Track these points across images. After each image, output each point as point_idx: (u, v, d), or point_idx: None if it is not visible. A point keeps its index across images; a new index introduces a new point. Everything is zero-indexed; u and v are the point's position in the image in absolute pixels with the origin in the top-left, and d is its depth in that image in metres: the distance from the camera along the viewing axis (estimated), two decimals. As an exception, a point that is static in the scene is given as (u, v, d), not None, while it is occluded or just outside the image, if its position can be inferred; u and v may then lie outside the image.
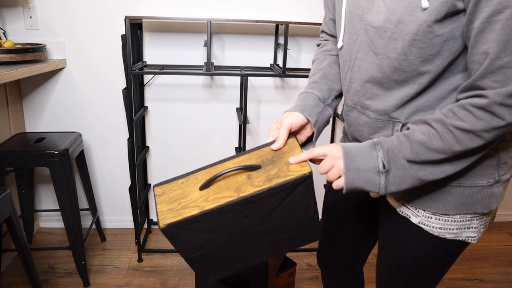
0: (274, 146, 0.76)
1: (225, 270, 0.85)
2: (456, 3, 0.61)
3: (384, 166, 0.69)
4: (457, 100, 0.67)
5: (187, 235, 0.73)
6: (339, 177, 0.72)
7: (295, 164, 0.73)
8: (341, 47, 0.83)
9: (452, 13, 0.63)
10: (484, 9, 0.58)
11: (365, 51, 0.74)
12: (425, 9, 0.62)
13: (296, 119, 0.81)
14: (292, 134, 0.81)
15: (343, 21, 0.80)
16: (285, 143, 0.77)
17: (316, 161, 0.76)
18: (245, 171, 0.74)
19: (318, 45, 1.01)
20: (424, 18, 0.63)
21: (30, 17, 1.82)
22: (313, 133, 0.85)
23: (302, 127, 0.83)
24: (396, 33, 0.67)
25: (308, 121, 0.83)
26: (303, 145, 0.87)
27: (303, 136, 0.85)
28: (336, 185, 0.73)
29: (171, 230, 0.71)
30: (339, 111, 2.06)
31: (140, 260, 1.89)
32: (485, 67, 0.60)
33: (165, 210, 0.72)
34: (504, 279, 1.87)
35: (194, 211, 0.70)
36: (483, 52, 0.60)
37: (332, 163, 0.72)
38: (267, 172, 0.73)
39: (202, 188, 0.72)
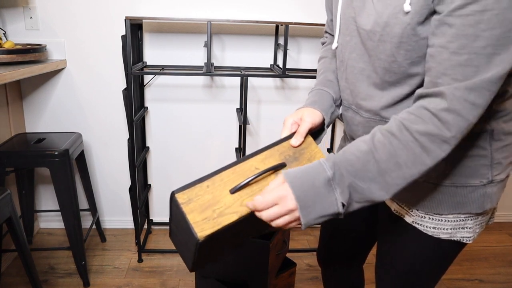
0: (295, 143, 0.77)
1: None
2: (432, 5, 0.61)
3: (343, 206, 0.65)
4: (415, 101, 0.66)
5: (215, 241, 0.69)
6: (289, 222, 0.67)
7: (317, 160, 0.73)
8: (336, 48, 0.84)
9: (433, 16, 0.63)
10: (448, 4, 0.58)
11: (360, 51, 0.75)
12: (407, 12, 0.63)
13: (318, 118, 0.82)
14: None
15: (338, 22, 0.81)
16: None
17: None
18: (273, 171, 0.73)
19: (323, 43, 1.03)
20: (407, 21, 0.63)
21: (31, 17, 1.82)
22: (319, 129, 0.86)
23: (317, 126, 0.84)
24: (384, 35, 0.68)
25: (323, 120, 0.84)
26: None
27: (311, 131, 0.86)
28: (287, 227, 0.68)
29: (207, 241, 0.66)
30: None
31: (140, 260, 1.89)
32: (443, 63, 0.59)
33: (200, 220, 0.66)
34: (504, 279, 1.87)
35: (233, 218, 0.67)
36: (439, 45, 0.60)
37: (284, 213, 0.65)
38: None
39: (234, 192, 0.70)
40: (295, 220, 0.66)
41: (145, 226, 2.17)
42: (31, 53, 1.63)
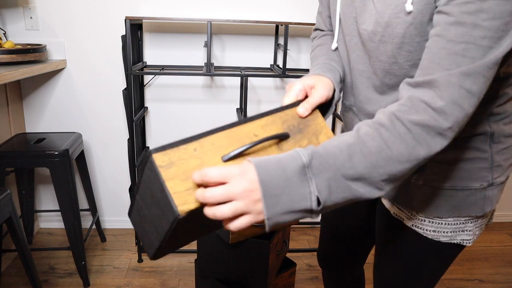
0: (303, 113, 0.67)
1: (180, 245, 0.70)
2: (435, 4, 0.60)
3: (319, 203, 0.54)
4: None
5: (194, 220, 0.58)
6: (241, 213, 0.53)
7: (323, 135, 0.67)
8: (336, 48, 0.82)
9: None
10: None
11: (360, 52, 0.74)
12: (409, 12, 0.61)
13: (331, 92, 0.72)
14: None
15: (337, 22, 0.79)
16: None
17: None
18: (275, 141, 0.63)
19: (313, 38, 0.95)
20: (410, 21, 0.62)
21: (31, 17, 1.82)
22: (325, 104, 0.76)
23: (327, 101, 0.73)
24: (385, 36, 0.66)
25: (333, 95, 0.75)
26: None
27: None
28: (235, 226, 0.54)
29: (187, 218, 0.54)
30: (338, 111, 2.06)
31: (140, 260, 1.89)
32: (438, 52, 0.56)
33: (183, 190, 0.53)
34: (504, 279, 1.87)
35: None
36: (435, 34, 0.57)
37: (237, 195, 0.52)
38: (297, 143, 0.65)
39: (227, 160, 0.58)
40: (250, 212, 0.53)
41: (145, 226, 2.17)
42: (31, 53, 1.63)
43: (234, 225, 0.54)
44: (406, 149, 0.55)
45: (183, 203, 0.52)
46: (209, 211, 0.53)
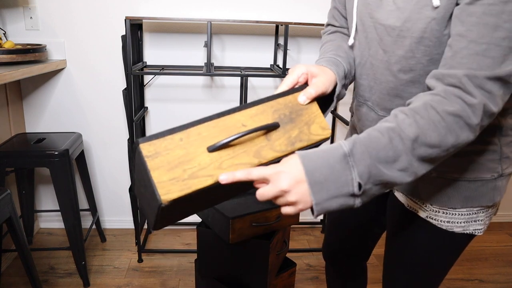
0: (304, 101, 0.68)
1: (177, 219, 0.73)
2: (457, 1, 0.62)
3: (360, 187, 0.57)
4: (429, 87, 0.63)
5: (182, 204, 0.60)
6: (292, 204, 0.59)
7: (315, 125, 0.67)
8: (352, 44, 0.83)
9: None
10: None
11: (375, 48, 0.75)
12: (436, 7, 0.62)
13: (332, 85, 0.72)
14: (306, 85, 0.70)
15: (354, 18, 0.80)
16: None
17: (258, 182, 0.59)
18: (263, 132, 0.62)
19: (324, 32, 0.96)
20: (432, 16, 0.63)
21: (31, 17, 1.82)
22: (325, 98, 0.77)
23: (327, 94, 0.73)
24: (404, 30, 0.68)
25: (334, 89, 0.75)
26: None
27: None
28: (287, 212, 0.60)
29: (172, 205, 0.56)
30: (338, 111, 2.06)
31: (140, 260, 1.89)
32: (460, 51, 0.58)
33: (166, 179, 0.55)
34: (504, 279, 1.87)
35: (207, 182, 0.57)
36: (457, 34, 0.59)
37: (288, 190, 0.57)
38: (287, 133, 0.64)
39: (212, 150, 0.58)
40: (300, 201, 0.58)
41: (145, 226, 2.17)
42: (31, 53, 1.63)
43: (285, 211, 0.60)
44: (438, 136, 0.58)
45: (167, 192, 0.54)
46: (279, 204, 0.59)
